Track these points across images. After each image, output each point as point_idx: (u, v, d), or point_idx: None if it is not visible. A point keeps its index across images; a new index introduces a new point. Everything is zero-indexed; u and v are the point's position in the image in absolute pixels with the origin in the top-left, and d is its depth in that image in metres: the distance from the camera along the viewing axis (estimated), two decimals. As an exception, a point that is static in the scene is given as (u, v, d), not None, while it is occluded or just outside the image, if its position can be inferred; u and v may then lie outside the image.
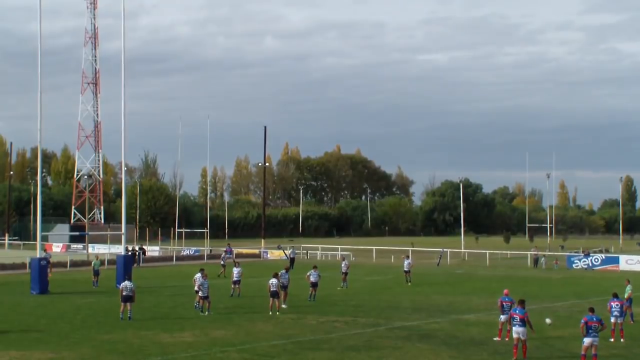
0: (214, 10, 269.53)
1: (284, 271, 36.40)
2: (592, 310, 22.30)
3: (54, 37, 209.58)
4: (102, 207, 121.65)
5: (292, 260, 64.75)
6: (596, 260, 66.40)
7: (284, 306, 34.29)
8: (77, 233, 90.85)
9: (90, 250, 74.04)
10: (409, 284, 47.96)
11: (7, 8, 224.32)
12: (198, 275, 34.50)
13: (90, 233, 73.05)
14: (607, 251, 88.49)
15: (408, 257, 52.89)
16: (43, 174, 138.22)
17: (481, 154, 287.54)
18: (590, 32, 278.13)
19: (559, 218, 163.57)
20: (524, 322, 22.37)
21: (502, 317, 26.32)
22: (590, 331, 21.61)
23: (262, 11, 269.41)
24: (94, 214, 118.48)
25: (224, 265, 54.46)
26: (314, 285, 38.44)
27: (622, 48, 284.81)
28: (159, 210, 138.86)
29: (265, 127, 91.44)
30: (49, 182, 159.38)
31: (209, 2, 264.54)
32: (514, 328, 22.65)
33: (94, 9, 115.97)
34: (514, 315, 22.71)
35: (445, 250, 74.79)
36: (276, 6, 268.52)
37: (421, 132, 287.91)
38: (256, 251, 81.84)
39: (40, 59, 43.67)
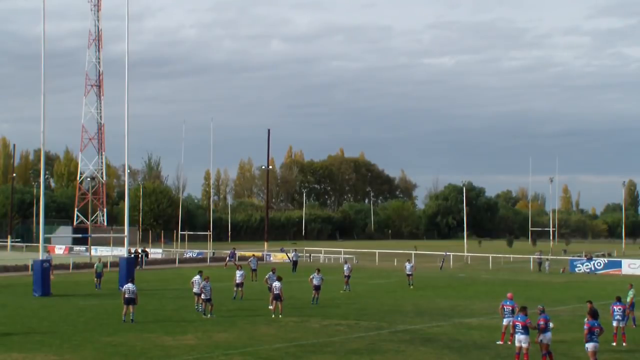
0: (221, 13, 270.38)
1: (271, 273, 36.51)
2: (595, 315, 22.27)
3: (59, 39, 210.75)
4: (105, 210, 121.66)
5: (295, 263, 64.75)
6: (599, 264, 66.30)
7: (270, 307, 34.18)
8: (80, 235, 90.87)
9: (92, 252, 74.06)
10: (412, 287, 47.95)
11: (13, 10, 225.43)
12: (197, 277, 34.62)
13: (93, 235, 72.96)
14: (609, 255, 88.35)
15: (409, 260, 52.91)
16: (46, 176, 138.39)
17: (485, 158, 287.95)
18: (597, 37, 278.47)
19: (561, 222, 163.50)
20: (526, 330, 22.33)
21: (505, 321, 26.35)
22: (592, 336, 21.59)
23: (268, 14, 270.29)
24: (96, 216, 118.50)
25: (254, 270, 52.69)
26: (317, 288, 38.40)
27: (629, 53, 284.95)
28: (161, 212, 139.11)
29: (269, 130, 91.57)
30: (52, 184, 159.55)
31: (216, 5, 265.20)
32: (516, 336, 22.60)
33: (98, 11, 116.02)
34: (517, 323, 22.67)
35: (448, 253, 74.77)
36: (283, 10, 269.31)
37: (425, 136, 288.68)
38: (259, 254, 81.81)
39: (45, 62, 43.81)
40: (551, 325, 25.75)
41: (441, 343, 26.50)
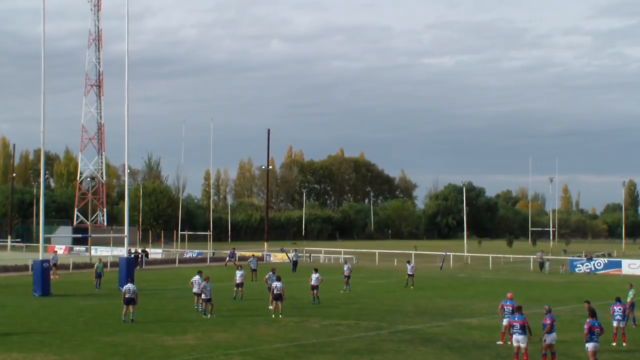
0: (221, 13, 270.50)
1: (271, 273, 36.50)
2: (594, 315, 22.29)
3: (59, 39, 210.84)
4: (105, 210, 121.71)
5: (295, 263, 64.76)
6: (599, 264, 66.28)
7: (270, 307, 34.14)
8: (80, 235, 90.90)
9: (92, 252, 74.05)
10: (412, 287, 47.91)
11: (13, 10, 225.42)
12: (196, 277, 34.68)
13: (93, 235, 72.93)
14: (609, 255, 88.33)
15: (409, 262, 52.81)
16: (46, 176, 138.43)
17: (485, 158, 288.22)
18: (597, 37, 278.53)
19: (561, 222, 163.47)
20: (523, 329, 22.32)
21: (505, 321, 26.35)
22: (593, 336, 21.60)
23: (268, 14, 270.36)
24: (96, 216, 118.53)
25: (254, 270, 52.57)
26: (314, 288, 38.45)
27: (630, 53, 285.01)
28: (161, 212, 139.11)
29: (268, 130, 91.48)
30: (52, 184, 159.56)
31: (216, 4, 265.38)
32: (514, 336, 22.60)
33: (98, 11, 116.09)
34: (514, 323, 22.67)
35: (448, 253, 74.75)
36: (283, 10, 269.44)
37: (425, 136, 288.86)
38: (259, 254, 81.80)
39: (45, 62, 43.82)
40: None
41: (441, 343, 26.50)
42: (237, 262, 60.87)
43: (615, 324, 26.78)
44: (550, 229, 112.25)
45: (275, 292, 33.08)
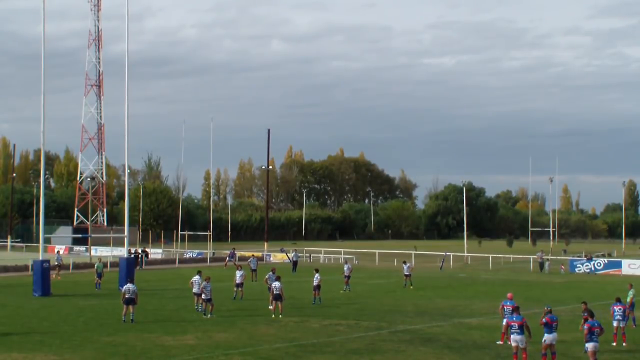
0: (221, 13, 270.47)
1: (271, 273, 36.47)
2: (592, 315, 22.30)
3: (60, 39, 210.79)
4: (105, 210, 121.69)
5: (295, 263, 64.75)
6: (599, 264, 66.27)
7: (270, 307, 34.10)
8: (80, 235, 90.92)
9: (92, 252, 74.03)
10: (411, 287, 47.91)
11: (13, 10, 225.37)
12: (196, 277, 34.71)
13: (93, 235, 72.91)
14: (609, 255, 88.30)
15: (405, 262, 52.70)
16: (46, 176, 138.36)
17: (485, 158, 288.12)
18: (597, 37, 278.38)
19: (561, 222, 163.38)
20: (522, 329, 22.33)
21: (505, 321, 26.36)
22: (592, 336, 21.61)
23: (268, 14, 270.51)
24: (96, 216, 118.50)
25: (254, 270, 52.57)
26: (315, 288, 38.43)
27: (630, 53, 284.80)
28: (161, 212, 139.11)
29: (268, 130, 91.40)
30: (52, 184, 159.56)
31: (216, 4, 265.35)
32: (512, 336, 22.59)
33: (98, 11, 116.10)
34: (512, 323, 22.68)
35: (448, 253, 74.72)
36: (283, 10, 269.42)
37: (425, 136, 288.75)
38: (259, 254, 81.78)
39: (45, 62, 43.81)
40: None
41: (441, 343, 26.50)
42: (237, 262, 60.86)
43: (615, 324, 26.78)
44: (550, 229, 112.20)
45: (274, 292, 33.09)
